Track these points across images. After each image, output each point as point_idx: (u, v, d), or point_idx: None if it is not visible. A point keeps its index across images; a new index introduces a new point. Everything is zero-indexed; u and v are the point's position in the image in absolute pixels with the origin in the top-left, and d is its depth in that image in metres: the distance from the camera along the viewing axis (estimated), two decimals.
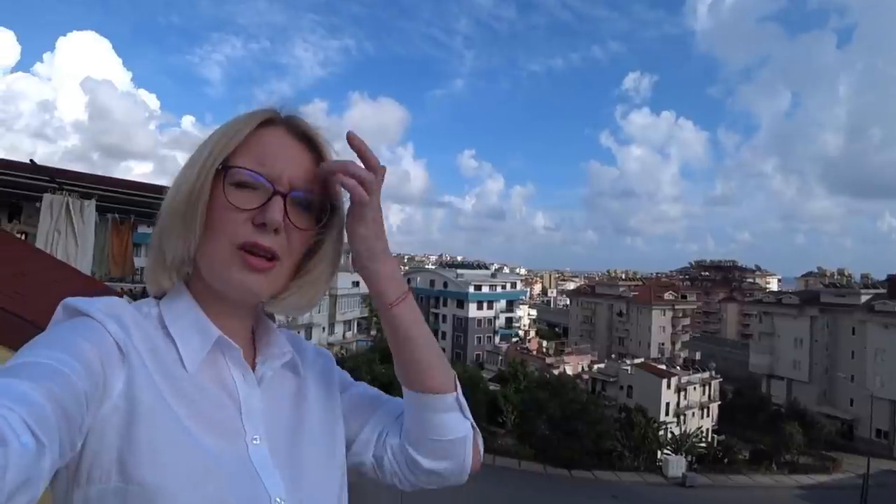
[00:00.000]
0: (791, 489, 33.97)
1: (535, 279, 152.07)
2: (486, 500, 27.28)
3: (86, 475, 0.58)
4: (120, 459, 0.58)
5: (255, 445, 0.69)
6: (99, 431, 0.58)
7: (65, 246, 5.01)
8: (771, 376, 54.40)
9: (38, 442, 0.46)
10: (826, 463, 38.45)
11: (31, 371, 0.52)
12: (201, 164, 0.70)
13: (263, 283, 0.70)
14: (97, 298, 0.67)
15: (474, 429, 0.83)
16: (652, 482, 33.72)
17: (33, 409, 0.47)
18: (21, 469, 0.43)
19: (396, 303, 0.77)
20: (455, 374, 0.83)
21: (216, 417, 0.68)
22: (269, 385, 0.77)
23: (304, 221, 0.73)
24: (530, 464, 34.79)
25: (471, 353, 61.21)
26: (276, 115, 0.75)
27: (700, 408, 45.69)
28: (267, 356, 0.79)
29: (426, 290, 66.23)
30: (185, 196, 0.69)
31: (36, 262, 4.31)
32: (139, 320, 0.69)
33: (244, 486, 0.65)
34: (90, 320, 0.64)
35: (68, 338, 0.60)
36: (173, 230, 0.70)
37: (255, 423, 0.71)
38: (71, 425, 0.52)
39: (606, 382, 47.95)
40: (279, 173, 0.70)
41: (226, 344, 0.72)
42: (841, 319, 49.16)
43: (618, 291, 71.08)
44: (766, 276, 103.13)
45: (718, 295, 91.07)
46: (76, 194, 5.15)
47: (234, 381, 0.73)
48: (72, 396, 0.53)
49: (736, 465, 36.81)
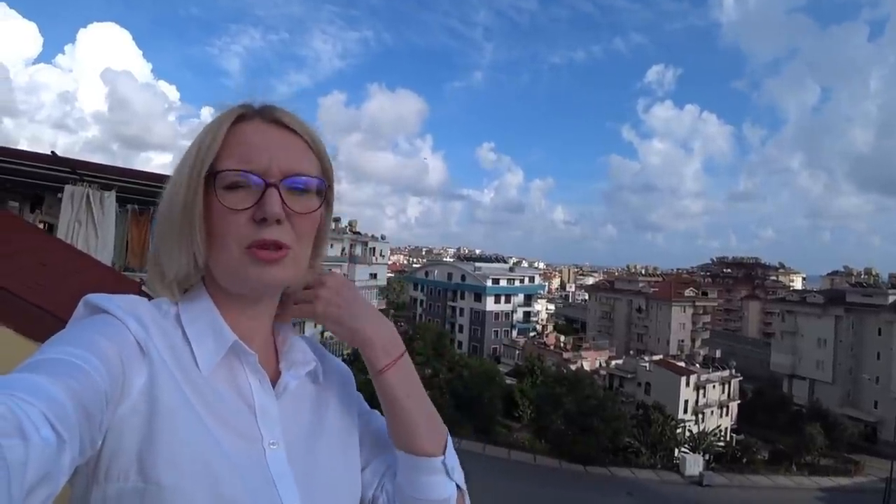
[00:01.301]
0: (811, 491, 33.41)
1: (553, 273, 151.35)
2: (501, 495, 27.35)
3: (104, 473, 0.57)
4: (139, 458, 0.57)
5: (272, 450, 0.68)
6: (118, 429, 0.58)
7: (85, 236, 5.10)
8: (793, 376, 53.50)
9: (58, 437, 0.46)
10: (848, 466, 37.69)
11: (52, 367, 0.52)
12: (188, 175, 0.69)
13: (279, 273, 0.70)
14: (118, 295, 0.67)
15: (461, 490, 0.81)
16: (668, 480, 33.44)
17: (53, 404, 0.47)
18: (41, 464, 0.43)
19: (385, 370, 0.76)
20: (446, 434, 0.82)
21: (233, 421, 0.67)
22: (289, 392, 0.76)
23: (303, 205, 0.71)
24: (545, 459, 34.73)
25: (488, 347, 61.23)
26: (249, 109, 0.73)
27: (719, 406, 45.14)
28: (291, 363, 0.78)
29: (444, 283, 66.32)
30: (179, 211, 0.69)
31: (57, 253, 4.38)
32: (158, 318, 0.69)
33: (259, 491, 0.64)
34: (111, 318, 0.64)
35: (88, 335, 0.60)
36: (172, 247, 0.70)
37: (271, 428, 0.70)
38: (91, 422, 0.52)
39: (624, 379, 47.57)
40: (267, 165, 0.69)
41: (241, 349, 0.71)
42: (867, 320, 48.14)
43: (637, 287, 70.38)
44: (790, 274, 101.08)
45: (740, 292, 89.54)
46: (96, 185, 5.23)
47: (251, 387, 0.72)
48: (92, 393, 0.53)
49: (754, 466, 36.27)
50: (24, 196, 6.46)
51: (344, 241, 50.26)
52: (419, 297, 71.49)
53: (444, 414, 4.53)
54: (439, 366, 42.38)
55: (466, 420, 37.89)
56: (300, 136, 0.74)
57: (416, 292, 72.50)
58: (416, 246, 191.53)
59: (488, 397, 39.05)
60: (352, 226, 54.43)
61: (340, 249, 49.66)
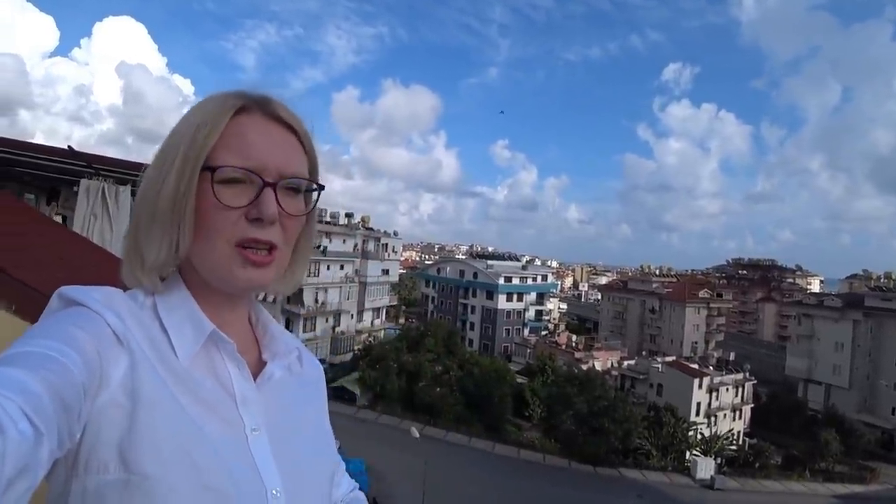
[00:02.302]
0: (825, 498, 32.94)
1: (566, 272, 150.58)
2: (510, 494, 27.33)
3: (84, 465, 0.57)
4: (119, 449, 0.57)
5: (254, 436, 0.69)
6: (97, 421, 0.57)
7: (100, 230, 5.13)
8: (808, 381, 52.76)
9: (35, 430, 0.46)
10: (863, 473, 37.05)
11: (27, 360, 0.51)
12: (181, 164, 0.67)
13: (266, 275, 0.70)
14: (93, 287, 0.66)
15: None
16: (679, 483, 33.13)
17: (30, 397, 0.47)
18: (19, 457, 0.43)
19: None
20: None
21: (215, 407, 0.67)
22: (273, 380, 0.77)
23: (295, 207, 0.72)
24: (555, 459, 34.58)
25: (499, 345, 61.14)
26: (248, 100, 0.71)
27: (732, 410, 44.68)
28: (274, 353, 0.79)
29: (456, 281, 66.26)
30: (168, 199, 0.67)
31: (74, 246, 4.42)
32: (134, 309, 0.68)
33: (243, 476, 0.64)
34: (86, 310, 0.63)
35: (64, 327, 0.59)
36: (154, 233, 0.68)
37: (252, 414, 0.70)
38: (69, 414, 0.52)
39: (636, 380, 47.25)
40: (265, 164, 0.68)
41: (220, 338, 0.71)
42: (886, 324, 47.28)
43: (651, 287, 69.77)
44: (808, 276, 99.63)
45: (756, 294, 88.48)
46: (112, 180, 5.26)
47: (230, 374, 0.71)
48: (69, 385, 0.52)
49: (767, 471, 35.80)
50: (40, 189, 6.53)
51: (356, 236, 50.36)
52: (431, 293, 71.50)
53: (454, 411, 4.45)
54: (450, 363, 42.36)
55: (476, 418, 37.92)
56: (296, 134, 0.74)
57: (428, 289, 72.51)
58: (428, 243, 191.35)
59: (498, 396, 38.98)
60: (364, 221, 54.51)
61: (353, 245, 49.80)
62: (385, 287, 54.98)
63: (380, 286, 53.75)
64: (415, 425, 27.19)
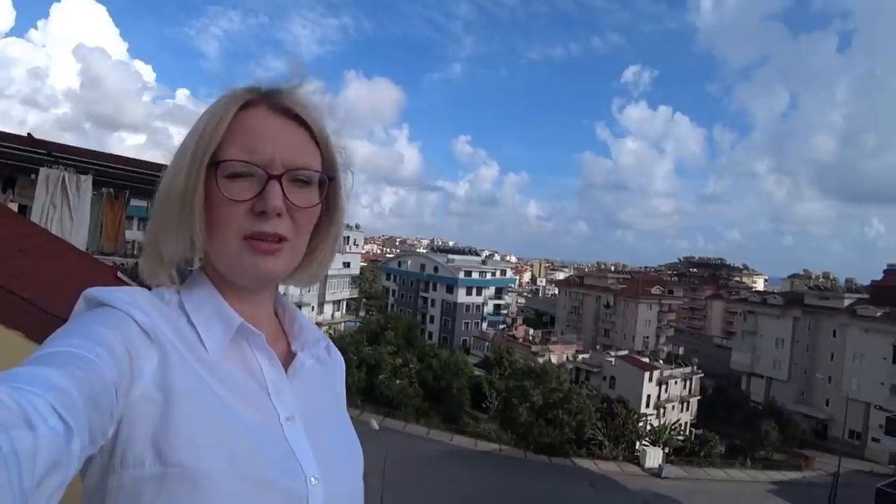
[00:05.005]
0: (763, 484, 34.69)
1: (525, 267, 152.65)
2: (468, 484, 27.73)
3: (120, 461, 0.57)
4: (155, 443, 0.57)
5: (289, 425, 0.69)
6: (130, 417, 0.57)
7: (59, 220, 5.04)
8: (751, 374, 55.16)
9: (66, 426, 0.46)
10: (798, 461, 39.23)
11: (57, 359, 0.52)
12: (189, 160, 0.68)
13: (277, 264, 0.70)
14: (118, 288, 0.66)
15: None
16: (629, 472, 34.32)
17: (59, 394, 0.47)
18: (50, 452, 0.43)
19: None
20: None
21: (248, 398, 0.68)
22: (301, 370, 0.77)
23: (304, 199, 0.71)
24: (511, 449, 35.29)
25: (458, 338, 61.54)
26: (256, 94, 0.72)
27: (680, 402, 46.33)
28: (303, 343, 0.81)
29: (416, 274, 66.30)
30: (178, 194, 0.68)
31: (32, 238, 4.33)
32: (161, 307, 0.69)
33: (282, 464, 0.64)
34: (112, 310, 0.63)
35: (90, 327, 0.59)
36: (170, 230, 0.70)
37: (285, 403, 0.71)
38: (100, 411, 0.52)
39: (590, 373, 48.44)
40: (270, 156, 0.68)
41: (248, 331, 0.72)
42: (823, 322, 49.81)
43: (606, 283, 71.50)
44: (753, 275, 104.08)
45: (705, 292, 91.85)
46: (73, 169, 5.17)
47: (260, 366, 0.72)
48: (99, 382, 0.53)
49: (711, 459, 37.42)
50: None
51: None
52: (392, 287, 71.31)
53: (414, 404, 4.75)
54: (409, 356, 42.52)
55: (435, 410, 38.25)
56: (305, 126, 0.73)
57: (389, 282, 72.29)
58: (389, 236, 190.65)
59: (457, 388, 39.43)
60: None
61: None
62: (346, 280, 54.62)
63: (341, 279, 53.37)
64: (374, 417, 27.18)
